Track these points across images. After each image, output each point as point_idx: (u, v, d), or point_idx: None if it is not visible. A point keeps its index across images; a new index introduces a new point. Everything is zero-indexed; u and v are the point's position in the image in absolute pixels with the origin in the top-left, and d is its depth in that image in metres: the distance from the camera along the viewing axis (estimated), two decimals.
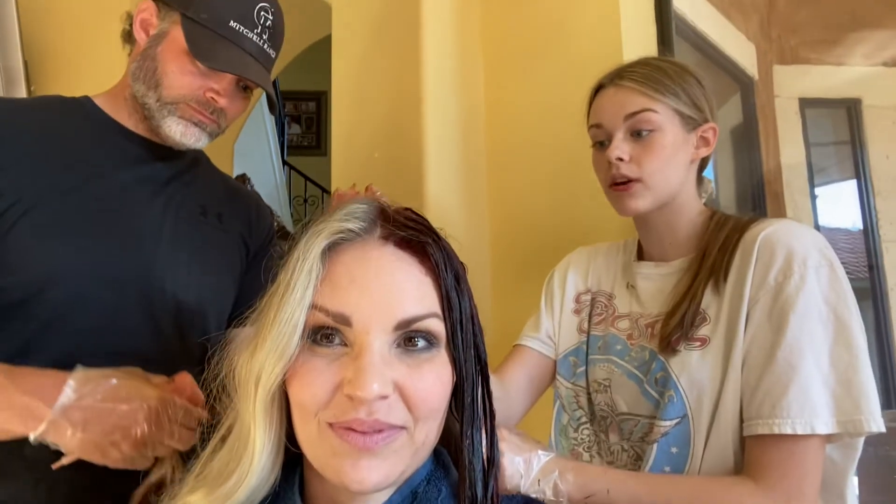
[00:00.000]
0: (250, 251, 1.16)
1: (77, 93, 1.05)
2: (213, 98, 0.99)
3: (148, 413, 0.76)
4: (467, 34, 1.68)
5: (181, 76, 0.97)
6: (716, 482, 0.83)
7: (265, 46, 1.03)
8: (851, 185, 1.48)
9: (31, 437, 0.73)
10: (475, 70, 1.68)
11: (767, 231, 0.89)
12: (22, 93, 2.35)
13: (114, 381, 0.77)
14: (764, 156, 1.50)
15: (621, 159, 0.96)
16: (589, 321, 1.09)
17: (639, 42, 1.32)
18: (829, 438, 0.81)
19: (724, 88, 1.52)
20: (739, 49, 1.53)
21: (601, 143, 1.01)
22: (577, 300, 1.13)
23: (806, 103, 1.52)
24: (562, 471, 0.83)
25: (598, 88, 1.03)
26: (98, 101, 1.04)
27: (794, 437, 0.79)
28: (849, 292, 0.85)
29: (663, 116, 0.95)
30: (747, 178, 1.51)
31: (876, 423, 0.78)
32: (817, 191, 1.51)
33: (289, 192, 6.12)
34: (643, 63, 1.00)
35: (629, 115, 0.96)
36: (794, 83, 1.53)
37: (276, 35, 1.05)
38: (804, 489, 0.79)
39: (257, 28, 1.01)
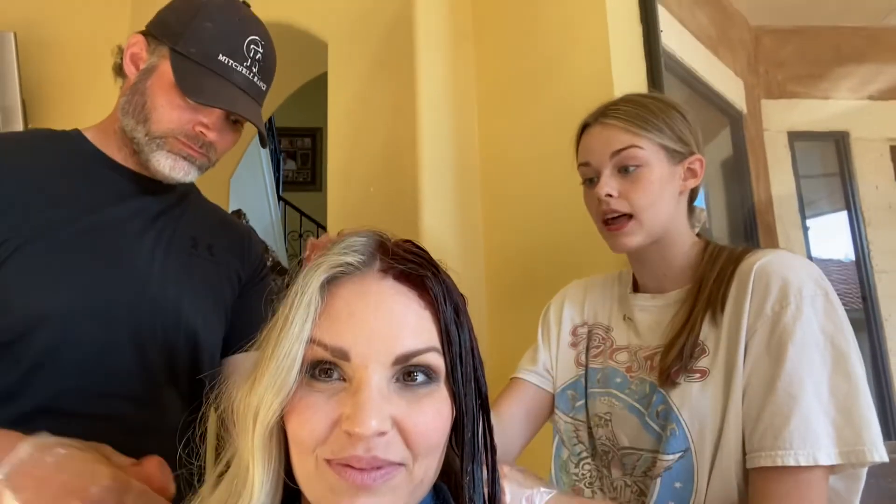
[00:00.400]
0: (242, 282, 1.15)
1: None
2: (201, 132, 0.98)
3: (98, 492, 0.68)
4: (461, 73, 1.70)
5: (170, 111, 0.96)
6: None
7: (255, 79, 1.02)
8: (842, 216, 1.50)
9: None
10: (469, 107, 1.70)
11: (762, 262, 0.89)
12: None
13: (62, 451, 0.70)
14: (755, 188, 1.52)
15: (610, 195, 0.97)
16: (586, 354, 1.09)
17: (629, 79, 1.35)
18: (832, 469, 0.80)
19: (714, 123, 1.55)
20: (727, 84, 1.56)
21: (590, 181, 1.02)
22: (574, 333, 1.13)
23: (794, 136, 1.55)
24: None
25: (584, 127, 1.04)
26: (88, 135, 1.03)
27: (798, 468, 0.78)
28: (845, 321, 0.85)
29: (649, 152, 0.96)
30: (739, 210, 1.52)
31: (878, 453, 0.78)
32: (809, 222, 1.52)
33: (284, 227, 6.13)
34: (627, 100, 1.01)
35: (615, 153, 0.97)
36: (782, 117, 1.55)
37: (266, 68, 1.05)
38: None
39: (247, 61, 1.01)
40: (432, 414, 0.53)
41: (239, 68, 1.00)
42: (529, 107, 1.54)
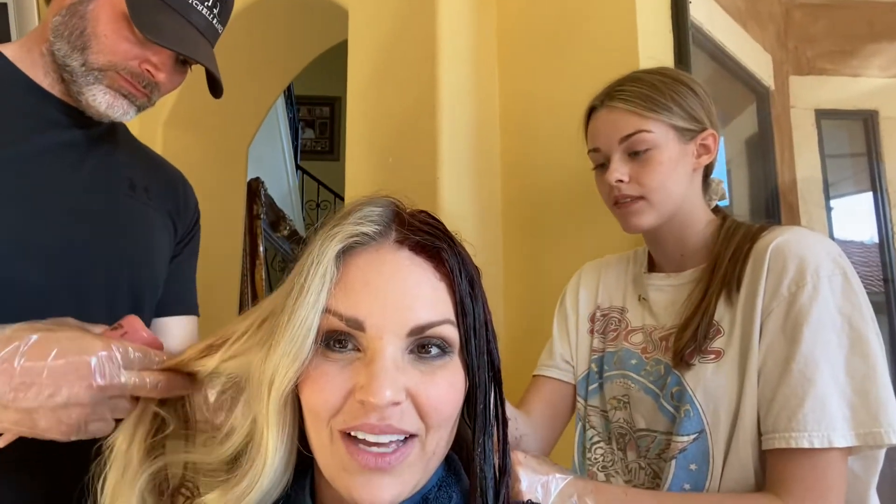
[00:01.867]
0: (178, 233, 1.06)
1: None
2: (149, 71, 0.87)
3: (98, 364, 0.61)
4: (483, 40, 1.68)
5: (115, 42, 0.85)
6: (739, 501, 0.82)
7: (214, 21, 0.92)
8: (867, 197, 1.47)
9: None
10: (491, 75, 1.68)
11: (779, 240, 0.88)
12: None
13: (34, 336, 0.61)
14: (779, 167, 1.49)
15: (621, 181, 0.95)
16: (603, 339, 1.08)
17: (655, 51, 1.32)
18: (850, 451, 0.80)
19: (740, 99, 1.51)
20: (756, 59, 1.52)
21: (601, 165, 1.01)
22: (592, 320, 1.12)
23: (822, 114, 1.51)
24: (580, 493, 0.82)
25: (591, 111, 1.02)
26: (7, 53, 0.90)
27: (815, 450, 0.78)
28: (864, 301, 0.83)
29: (658, 134, 0.94)
30: (762, 189, 1.50)
31: None
32: (832, 203, 1.49)
33: (301, 196, 6.15)
34: (633, 80, 0.99)
35: (623, 138, 0.95)
36: (810, 94, 1.52)
37: (226, 9, 0.95)
38: (832, 501, 0.78)
39: (208, 0, 0.90)
40: (446, 386, 0.54)
41: (199, 7, 0.89)
42: (552, 77, 1.52)
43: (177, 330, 1.06)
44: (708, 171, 1.03)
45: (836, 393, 0.79)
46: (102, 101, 0.86)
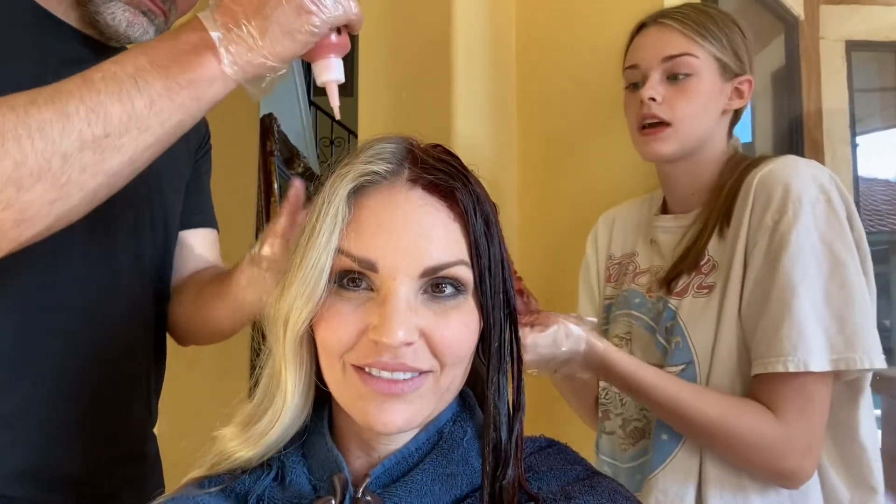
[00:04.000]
0: (194, 153, 1.04)
1: None
2: None
3: None
4: None
5: None
6: (740, 404, 0.84)
7: None
8: (894, 133, 1.43)
9: (226, 65, 0.57)
10: (507, 12, 1.63)
11: (765, 171, 0.88)
12: None
13: None
14: (805, 101, 1.45)
15: (654, 99, 0.94)
16: (612, 286, 1.11)
17: None
18: (836, 376, 0.82)
19: (768, 29, 1.46)
20: None
21: (634, 85, 0.99)
22: (608, 271, 1.14)
23: (852, 46, 1.45)
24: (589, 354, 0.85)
25: (640, 28, 1.00)
26: None
27: (796, 374, 0.80)
28: (845, 229, 0.84)
29: (703, 62, 0.93)
30: (786, 123, 1.46)
31: (871, 360, 0.79)
32: (858, 139, 1.45)
33: (315, 133, 6.10)
34: (690, 6, 0.97)
35: (668, 58, 0.94)
36: (840, 24, 1.46)
37: None
38: (814, 424, 0.81)
39: None
40: (459, 326, 0.54)
41: None
42: (571, 6, 1.47)
43: (199, 243, 1.04)
44: (735, 119, 1.02)
45: (813, 318, 0.80)
46: (122, 18, 0.80)
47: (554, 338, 0.83)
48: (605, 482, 0.57)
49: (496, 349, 0.57)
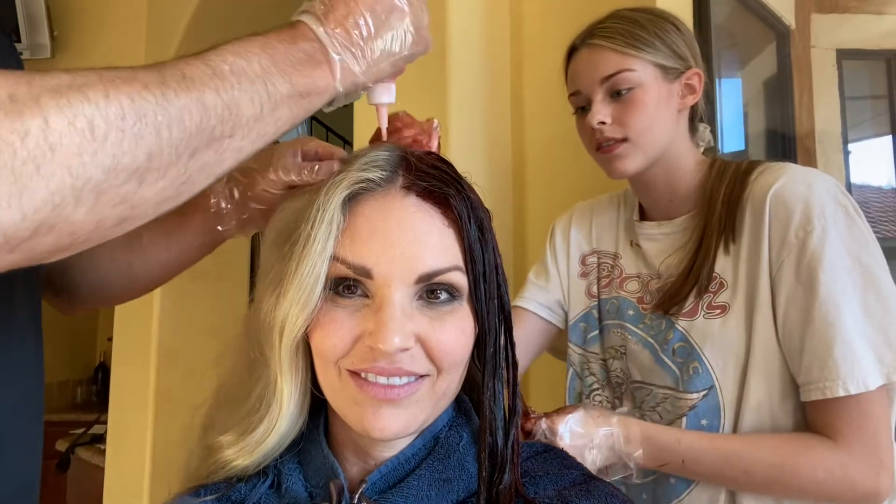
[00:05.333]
0: None
1: (101, 38, 0.95)
2: None
3: None
4: None
5: None
6: (795, 443, 0.82)
7: None
8: (887, 140, 1.44)
9: (337, 82, 0.56)
10: (501, 16, 1.64)
11: (777, 186, 0.85)
12: (45, 36, 2.34)
13: None
14: (797, 109, 1.45)
15: (603, 123, 0.92)
16: (598, 284, 1.07)
17: None
18: (885, 388, 0.80)
19: (759, 38, 1.47)
20: None
21: (582, 109, 0.97)
22: (583, 262, 1.10)
23: (843, 54, 1.47)
24: (628, 443, 0.82)
25: (571, 52, 0.98)
26: None
27: (854, 395, 0.78)
28: (869, 235, 0.83)
29: (641, 73, 0.91)
30: (778, 132, 1.47)
31: None
32: (851, 146, 1.46)
33: (310, 128, 6.08)
34: (615, 17, 0.95)
35: (605, 78, 0.92)
36: (831, 33, 1.47)
37: None
38: (880, 440, 0.78)
39: None
40: (455, 332, 0.54)
41: None
42: (564, 14, 1.48)
43: None
44: (694, 112, 0.99)
45: (858, 334, 0.79)
46: None
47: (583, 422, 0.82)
48: (601, 486, 0.57)
49: (491, 354, 0.57)
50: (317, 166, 0.60)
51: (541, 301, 1.10)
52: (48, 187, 0.38)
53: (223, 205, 0.72)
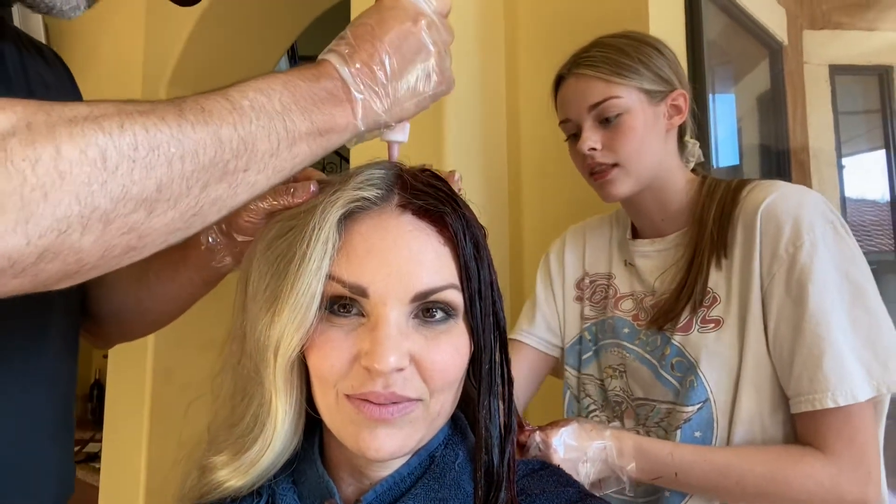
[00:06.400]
0: None
1: (98, 60, 0.92)
2: None
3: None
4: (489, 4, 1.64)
5: None
6: (785, 455, 0.83)
7: None
8: (880, 155, 1.45)
9: (359, 120, 0.56)
10: (496, 33, 1.65)
11: (767, 202, 0.87)
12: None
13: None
14: (791, 125, 1.46)
15: (594, 149, 0.94)
16: (592, 307, 1.08)
17: (666, 2, 1.29)
18: (873, 401, 0.81)
19: (752, 55, 1.48)
20: (769, 13, 1.49)
21: (574, 136, 0.99)
22: (578, 286, 1.11)
23: (836, 70, 1.48)
24: (620, 455, 0.83)
25: (559, 81, 1.01)
26: None
27: (843, 406, 0.79)
28: (856, 251, 0.84)
29: (627, 99, 0.93)
30: (773, 147, 1.48)
31: None
32: (844, 161, 1.47)
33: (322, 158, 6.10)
34: (598, 45, 0.97)
35: (592, 106, 0.94)
36: (824, 49, 1.48)
37: None
38: (868, 452, 0.80)
39: None
40: (450, 351, 0.54)
41: None
42: (558, 30, 1.49)
43: None
44: (682, 132, 1.01)
45: (847, 347, 0.80)
46: None
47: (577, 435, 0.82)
48: None
49: (487, 371, 0.57)
50: (292, 189, 0.60)
51: (540, 335, 1.11)
52: (55, 214, 0.39)
53: (211, 240, 0.72)
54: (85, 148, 0.40)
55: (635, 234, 1.06)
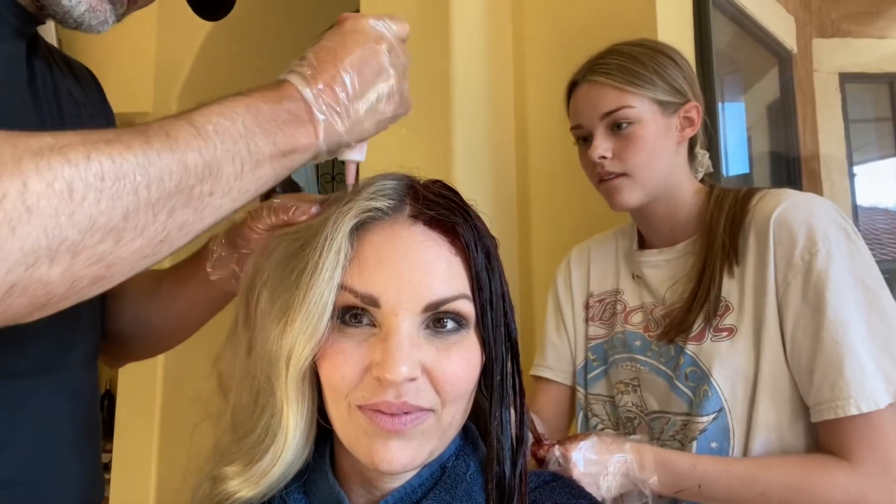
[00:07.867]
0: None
1: (111, 74, 0.92)
2: None
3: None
4: (496, 6, 1.65)
5: None
6: (809, 465, 0.82)
7: None
8: (891, 163, 1.44)
9: (321, 141, 0.57)
10: (504, 43, 1.66)
11: (779, 210, 0.87)
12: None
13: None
14: (801, 133, 1.46)
15: (604, 157, 0.94)
16: (603, 325, 1.08)
17: (674, 13, 1.29)
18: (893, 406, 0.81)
19: (762, 63, 1.48)
20: (778, 22, 1.48)
21: (584, 139, 0.99)
22: (586, 307, 1.11)
23: (846, 78, 1.47)
24: (642, 469, 0.82)
25: (573, 86, 1.01)
26: None
27: (864, 413, 0.78)
28: (869, 258, 0.84)
29: (640, 109, 0.93)
30: (783, 155, 1.47)
31: None
32: (856, 169, 1.47)
33: (317, 168, 6.13)
34: (614, 53, 0.97)
35: (605, 114, 0.94)
36: (833, 57, 1.48)
37: None
38: (892, 458, 0.79)
39: None
40: (461, 361, 0.54)
41: None
42: (566, 38, 1.49)
43: None
44: (693, 143, 1.01)
45: (866, 354, 0.80)
46: (81, 4, 0.65)
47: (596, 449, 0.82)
48: None
49: (498, 382, 0.57)
50: (293, 207, 0.62)
51: (561, 368, 1.11)
52: (23, 248, 0.39)
53: (215, 254, 0.73)
54: (52, 181, 0.39)
55: (642, 245, 1.05)
